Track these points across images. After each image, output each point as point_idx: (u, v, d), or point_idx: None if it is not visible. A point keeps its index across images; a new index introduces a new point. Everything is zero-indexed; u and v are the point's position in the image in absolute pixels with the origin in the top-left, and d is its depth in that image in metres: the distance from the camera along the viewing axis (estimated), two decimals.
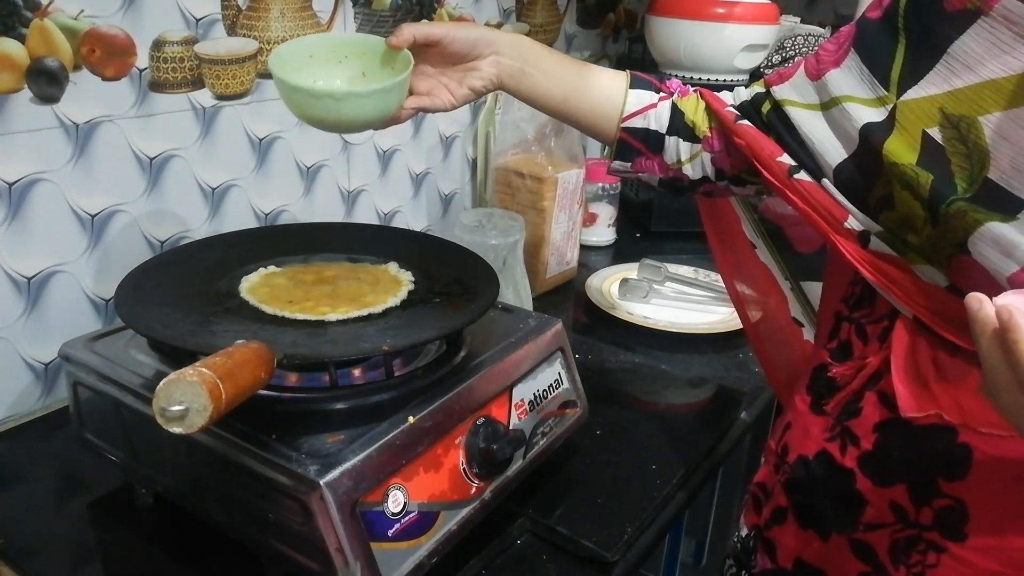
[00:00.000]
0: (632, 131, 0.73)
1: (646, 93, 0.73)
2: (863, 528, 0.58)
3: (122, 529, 0.69)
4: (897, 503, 0.56)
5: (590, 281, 1.20)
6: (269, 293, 0.70)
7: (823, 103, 0.59)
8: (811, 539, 0.62)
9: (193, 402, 0.46)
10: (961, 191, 0.49)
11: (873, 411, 0.58)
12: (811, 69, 0.62)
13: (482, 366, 0.68)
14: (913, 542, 0.56)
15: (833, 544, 0.60)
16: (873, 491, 0.57)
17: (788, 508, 0.64)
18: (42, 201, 0.78)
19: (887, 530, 0.57)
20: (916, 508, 0.56)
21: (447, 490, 0.61)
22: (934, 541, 0.55)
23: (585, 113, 0.74)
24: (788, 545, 0.64)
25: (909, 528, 0.56)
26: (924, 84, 0.51)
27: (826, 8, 1.78)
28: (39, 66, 0.75)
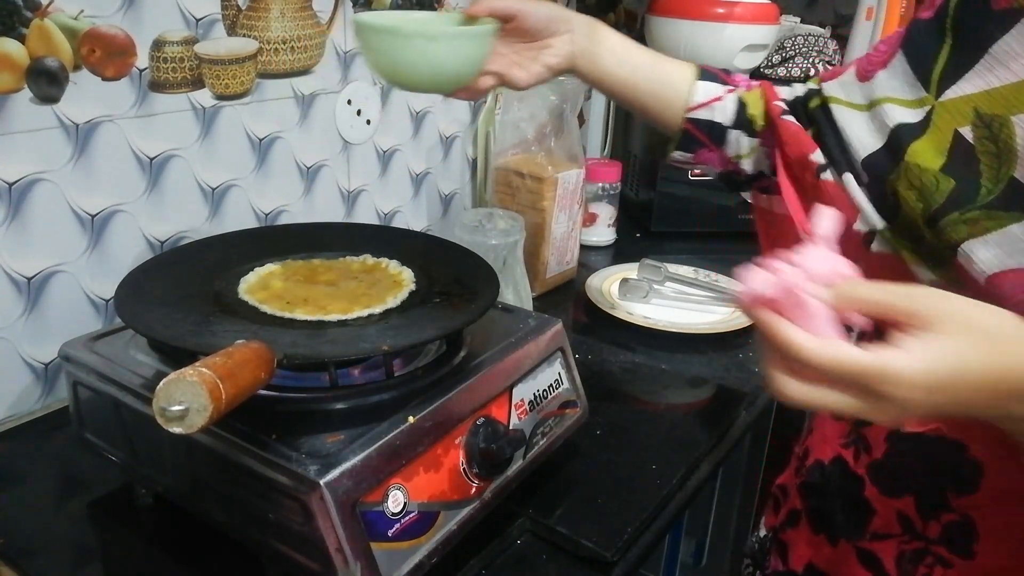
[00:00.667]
0: (697, 122, 0.72)
1: (713, 85, 0.73)
2: (870, 537, 0.58)
3: (122, 529, 0.69)
4: (904, 514, 0.56)
5: (590, 281, 1.20)
6: (268, 293, 0.70)
7: (868, 103, 0.60)
8: (821, 544, 0.62)
9: (193, 402, 0.46)
10: (985, 192, 0.48)
11: None
12: (861, 69, 0.62)
13: (482, 366, 0.68)
14: (920, 555, 0.55)
15: (841, 551, 0.60)
16: (880, 500, 0.57)
17: (802, 511, 0.64)
18: (42, 201, 0.78)
19: (894, 541, 0.56)
20: (924, 521, 0.55)
21: (447, 490, 0.61)
22: (942, 556, 0.54)
23: (651, 100, 0.74)
24: (800, 549, 0.64)
25: (916, 540, 0.55)
26: (962, 83, 0.51)
27: (826, 8, 1.78)
28: (39, 66, 0.75)
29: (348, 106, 1.08)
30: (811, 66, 1.47)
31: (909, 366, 0.39)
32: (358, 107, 1.09)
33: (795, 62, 1.47)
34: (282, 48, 0.97)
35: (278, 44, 0.96)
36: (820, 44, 1.48)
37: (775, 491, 0.71)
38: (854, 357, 0.40)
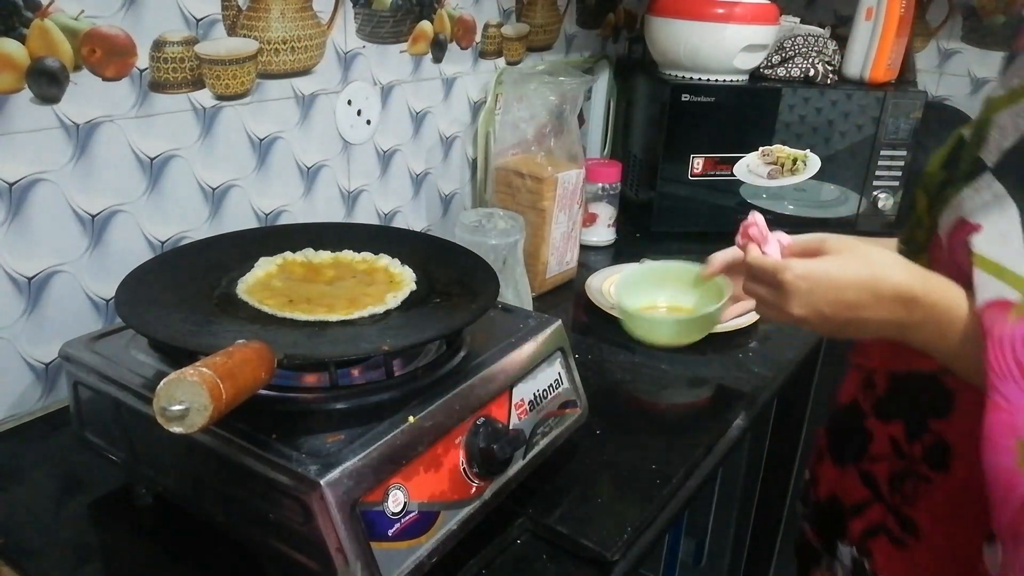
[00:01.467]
0: None
1: None
2: (868, 460, 0.68)
3: (122, 529, 0.69)
4: (894, 438, 0.66)
5: (590, 281, 1.20)
6: (268, 293, 0.70)
7: None
8: (837, 472, 0.72)
9: (193, 402, 0.46)
10: (962, 170, 0.60)
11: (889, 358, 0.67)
12: None
13: (482, 366, 0.68)
14: (906, 473, 0.65)
15: (848, 474, 0.71)
16: (877, 426, 0.68)
17: (825, 448, 0.75)
18: (42, 201, 0.78)
19: (886, 462, 0.67)
20: (909, 443, 0.65)
21: (447, 490, 0.61)
22: (923, 473, 0.64)
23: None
24: (824, 479, 0.75)
25: (903, 460, 0.65)
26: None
27: (826, 8, 1.78)
28: (39, 66, 0.75)
29: (348, 106, 1.08)
30: (811, 66, 1.47)
31: (801, 263, 0.61)
32: (358, 107, 1.09)
33: (795, 62, 1.47)
34: (282, 48, 0.97)
35: (278, 44, 0.96)
36: (820, 44, 1.48)
37: (815, 439, 0.79)
38: (771, 260, 0.64)
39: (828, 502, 0.73)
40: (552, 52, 1.49)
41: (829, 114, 1.43)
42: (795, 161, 1.42)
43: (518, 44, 1.39)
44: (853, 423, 0.70)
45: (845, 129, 1.45)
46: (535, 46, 1.44)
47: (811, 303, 0.60)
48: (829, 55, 1.49)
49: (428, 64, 1.20)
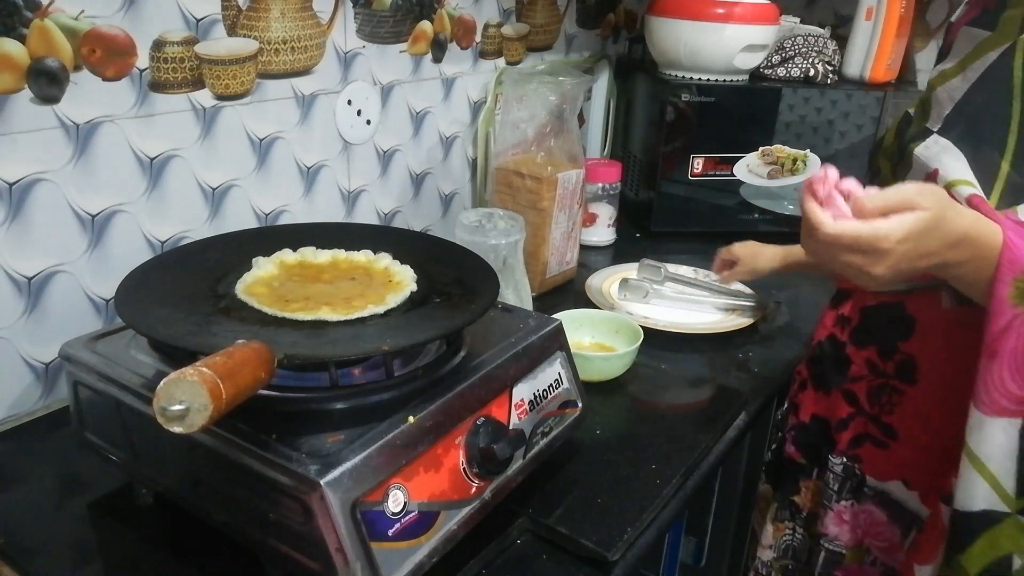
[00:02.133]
0: None
1: None
2: (849, 380, 0.82)
3: (122, 529, 0.69)
4: (871, 360, 0.80)
5: (590, 281, 1.20)
6: (267, 293, 0.70)
7: None
8: (820, 396, 0.86)
9: (193, 401, 0.46)
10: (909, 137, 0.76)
11: (861, 297, 0.80)
12: None
13: (482, 366, 0.68)
14: (882, 388, 0.79)
15: (832, 397, 0.84)
16: (854, 352, 0.81)
17: (807, 378, 0.87)
18: (42, 201, 0.78)
19: (864, 381, 0.80)
20: (883, 362, 0.79)
21: (447, 490, 0.61)
22: (896, 386, 0.78)
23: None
24: (806, 404, 0.87)
25: (879, 378, 0.79)
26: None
27: (826, 8, 1.78)
28: (39, 66, 0.75)
29: (348, 106, 1.08)
30: (810, 66, 1.47)
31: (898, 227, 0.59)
32: (358, 107, 1.09)
33: (795, 62, 1.47)
34: (282, 48, 0.97)
35: (278, 44, 0.96)
36: (820, 44, 1.48)
37: (794, 375, 0.91)
38: (857, 226, 0.60)
39: (812, 423, 0.86)
40: (552, 52, 1.49)
41: (829, 114, 1.43)
42: (795, 161, 1.42)
43: (518, 44, 1.39)
44: (834, 353, 0.83)
45: (845, 129, 1.45)
46: (535, 46, 1.44)
47: (898, 262, 0.61)
48: (829, 55, 1.49)
49: (428, 64, 1.20)
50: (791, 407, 0.90)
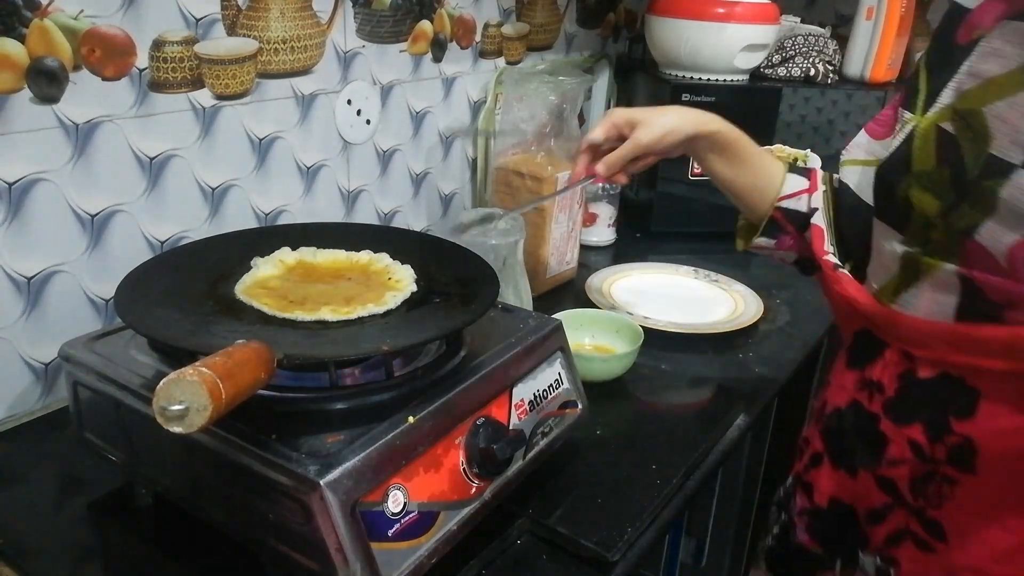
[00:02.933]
0: (785, 211, 0.83)
1: (801, 179, 0.83)
2: (886, 464, 0.65)
3: (122, 529, 0.69)
4: (915, 441, 0.63)
5: (590, 281, 1.20)
6: (266, 293, 0.70)
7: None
8: (842, 478, 0.69)
9: (193, 401, 0.46)
10: (971, 167, 0.57)
11: (896, 362, 0.64)
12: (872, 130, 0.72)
13: (482, 366, 0.68)
14: (930, 476, 0.62)
15: (861, 481, 0.67)
16: (893, 430, 0.64)
17: (823, 452, 0.71)
18: (42, 201, 0.78)
19: (907, 466, 0.63)
20: (931, 445, 0.62)
21: (447, 490, 0.61)
22: (948, 475, 0.61)
23: (746, 190, 0.85)
24: (822, 485, 0.71)
25: (926, 463, 0.62)
26: (940, 100, 0.61)
27: (826, 8, 1.78)
28: (39, 66, 0.75)
29: (348, 106, 1.08)
30: (811, 66, 1.47)
31: None
32: (358, 107, 1.09)
33: (795, 62, 1.47)
34: (282, 48, 0.97)
35: (278, 44, 0.96)
36: (820, 44, 1.48)
37: (800, 443, 0.77)
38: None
39: (833, 509, 0.70)
40: (552, 52, 1.49)
41: (829, 114, 1.43)
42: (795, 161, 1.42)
43: (518, 44, 1.39)
44: (861, 426, 0.67)
45: (846, 129, 1.44)
46: (535, 46, 1.44)
47: None
48: (830, 55, 1.49)
49: (428, 64, 1.20)
50: (800, 484, 0.75)
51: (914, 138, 0.62)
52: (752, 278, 1.24)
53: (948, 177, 0.59)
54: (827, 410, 0.71)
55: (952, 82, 0.60)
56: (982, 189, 0.56)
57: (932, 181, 0.60)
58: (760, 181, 0.84)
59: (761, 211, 0.84)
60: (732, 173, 0.85)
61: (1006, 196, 0.54)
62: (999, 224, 0.55)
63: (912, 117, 0.63)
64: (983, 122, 0.57)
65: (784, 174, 0.83)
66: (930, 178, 0.60)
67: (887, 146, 0.67)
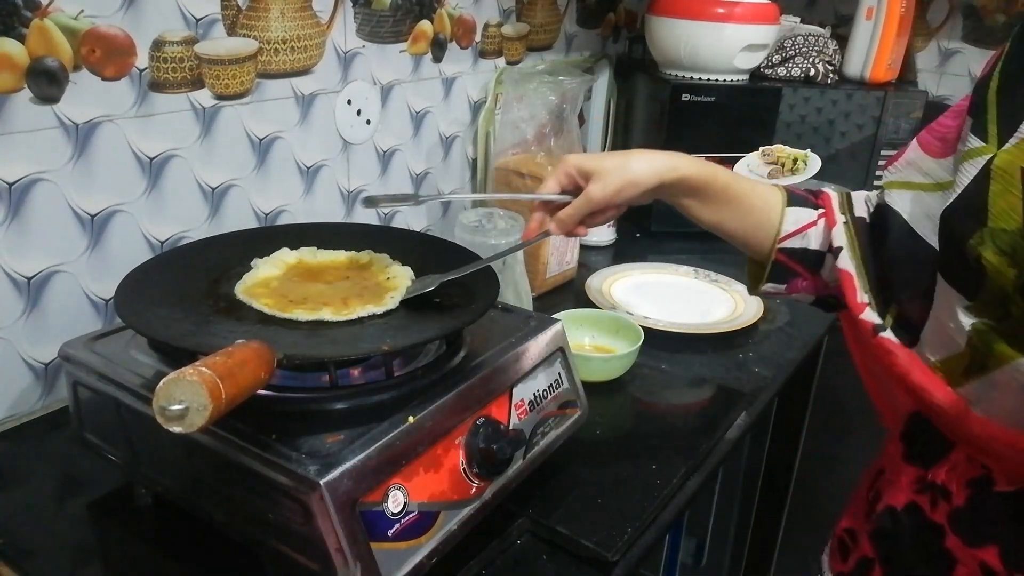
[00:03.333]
0: (790, 252, 0.70)
1: (804, 211, 0.70)
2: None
3: (122, 529, 0.69)
4: (988, 565, 0.53)
5: (590, 281, 1.20)
6: (266, 293, 0.70)
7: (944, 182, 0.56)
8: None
9: (193, 401, 0.46)
10: None
11: (966, 465, 0.55)
12: (927, 144, 0.60)
13: (482, 366, 0.67)
14: None
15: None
16: (963, 550, 0.55)
17: (875, 560, 0.62)
18: (42, 201, 0.78)
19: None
20: (1008, 572, 0.53)
21: (447, 490, 0.61)
22: None
23: (737, 233, 0.72)
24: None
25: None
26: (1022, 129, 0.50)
27: (826, 8, 1.78)
28: (39, 66, 0.75)
29: (348, 106, 1.08)
30: (811, 66, 1.47)
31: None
32: (358, 107, 1.09)
33: (795, 62, 1.47)
34: (282, 48, 0.97)
35: (278, 44, 0.96)
36: (820, 44, 1.48)
37: (841, 535, 0.68)
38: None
39: None
40: (552, 52, 1.49)
41: (829, 114, 1.43)
42: (795, 161, 1.42)
43: (518, 44, 1.39)
44: (921, 537, 0.57)
45: (846, 129, 1.45)
46: (535, 46, 1.44)
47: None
48: (829, 55, 1.49)
49: (428, 64, 1.20)
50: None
51: (991, 179, 0.50)
52: None
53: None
54: (878, 506, 0.61)
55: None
56: None
57: (1012, 244, 0.48)
58: (752, 220, 0.71)
59: (764, 252, 0.72)
60: (717, 217, 0.71)
61: None
62: None
63: (983, 147, 0.52)
64: None
65: (783, 208, 0.70)
66: (1010, 239, 0.48)
67: (948, 168, 0.56)
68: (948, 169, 0.56)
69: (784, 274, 0.72)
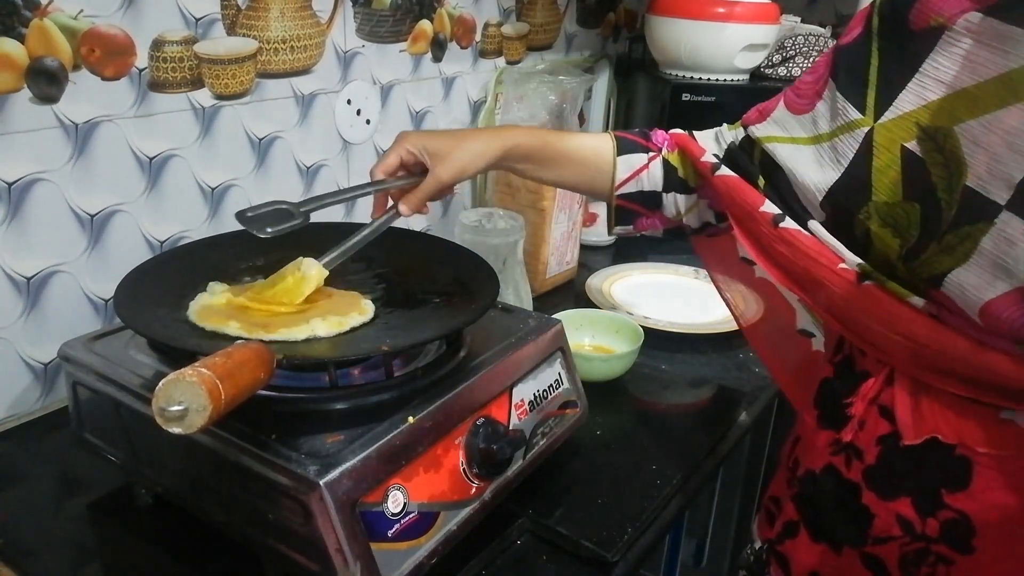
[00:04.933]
0: (628, 196, 0.76)
1: (635, 157, 0.75)
2: (872, 541, 0.58)
3: (122, 529, 0.69)
4: (903, 516, 0.56)
5: (590, 281, 1.20)
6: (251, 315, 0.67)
7: (811, 137, 0.60)
8: (824, 553, 0.62)
9: (192, 402, 0.46)
10: (945, 206, 0.49)
11: (875, 424, 0.57)
12: (791, 103, 0.64)
13: (482, 366, 0.67)
14: (922, 555, 0.56)
15: (846, 558, 0.60)
16: (879, 504, 0.57)
17: (799, 522, 0.64)
18: (42, 201, 0.78)
19: (896, 543, 0.57)
20: (922, 520, 0.55)
21: (447, 490, 0.61)
22: (942, 554, 0.55)
23: (578, 186, 0.79)
24: (801, 559, 0.64)
25: (917, 541, 0.56)
26: (898, 104, 0.52)
27: (826, 8, 1.78)
28: (39, 66, 0.75)
29: (348, 106, 1.08)
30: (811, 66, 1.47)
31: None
32: (358, 107, 1.09)
33: (795, 62, 1.47)
34: (282, 48, 0.97)
35: (278, 44, 0.96)
36: (820, 44, 1.48)
37: (767, 503, 0.70)
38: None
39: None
40: (552, 51, 1.49)
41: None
42: None
43: (518, 43, 1.39)
44: (841, 496, 0.60)
45: None
46: (535, 45, 1.44)
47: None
48: None
49: (428, 63, 1.20)
50: (774, 555, 0.67)
51: (873, 155, 0.53)
52: None
53: (917, 216, 0.50)
54: (799, 472, 0.64)
55: (912, 83, 0.51)
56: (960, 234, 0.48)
57: (895, 217, 0.52)
58: (588, 172, 0.76)
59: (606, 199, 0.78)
60: (554, 175, 0.77)
61: (989, 247, 0.46)
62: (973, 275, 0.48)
63: (861, 119, 0.55)
64: (955, 146, 0.48)
65: (614, 158, 0.75)
66: (893, 213, 0.52)
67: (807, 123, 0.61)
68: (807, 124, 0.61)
69: (628, 215, 0.78)
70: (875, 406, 0.58)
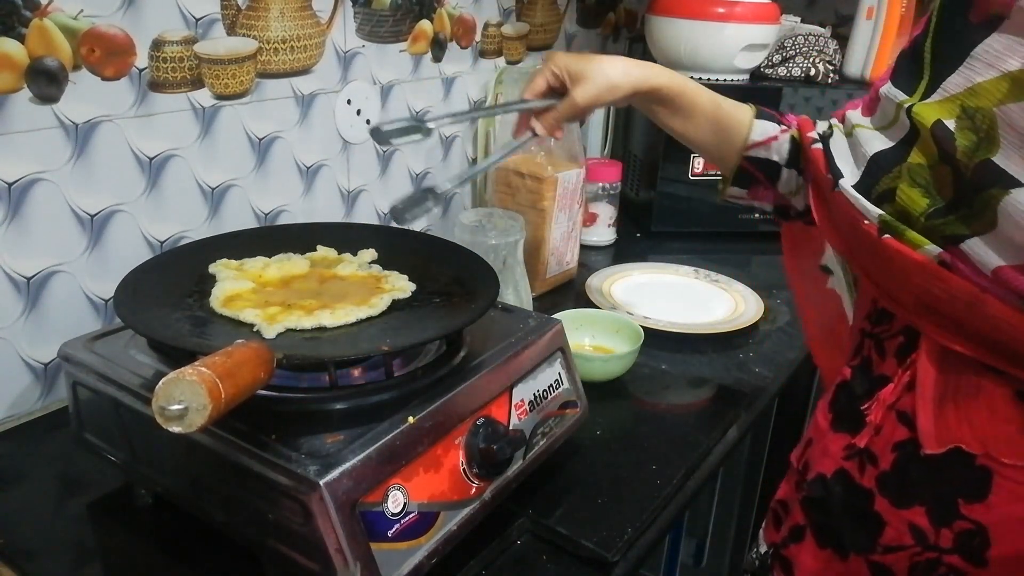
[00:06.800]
0: (754, 161, 0.77)
1: (770, 125, 0.77)
2: (882, 550, 0.57)
3: (122, 529, 0.69)
4: (916, 525, 0.55)
5: (590, 281, 1.20)
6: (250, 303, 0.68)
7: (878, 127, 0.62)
8: (830, 559, 0.61)
9: (192, 401, 0.46)
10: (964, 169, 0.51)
11: (891, 430, 0.57)
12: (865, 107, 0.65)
13: (482, 366, 0.67)
14: (933, 565, 0.55)
15: (852, 565, 0.59)
16: (891, 512, 0.56)
17: (806, 526, 0.63)
18: (42, 201, 0.78)
19: (906, 552, 0.56)
20: (936, 530, 0.54)
21: (447, 490, 0.61)
22: (955, 566, 0.54)
23: (705, 142, 0.80)
24: (806, 564, 0.63)
25: (929, 551, 0.54)
26: (946, 87, 0.53)
27: (826, 8, 1.78)
28: (38, 66, 0.75)
29: (348, 106, 1.08)
30: (811, 66, 1.47)
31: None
32: (358, 107, 1.09)
33: (795, 62, 1.47)
34: (282, 48, 0.97)
35: (278, 44, 0.96)
36: (820, 44, 1.48)
37: (775, 506, 0.69)
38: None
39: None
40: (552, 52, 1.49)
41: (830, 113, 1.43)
42: None
43: (518, 43, 1.39)
44: (851, 502, 0.59)
45: None
46: (535, 45, 1.44)
47: None
48: (830, 54, 1.49)
49: (428, 63, 1.20)
50: (778, 559, 0.66)
51: (918, 129, 0.55)
52: (752, 278, 1.24)
53: (949, 178, 0.52)
54: (809, 475, 0.63)
55: (963, 67, 0.53)
56: (984, 199, 0.49)
57: (925, 177, 0.54)
58: (719, 128, 0.78)
59: (729, 160, 0.79)
60: (686, 127, 0.79)
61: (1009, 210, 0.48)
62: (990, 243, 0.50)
63: (907, 99, 0.56)
64: (992, 126, 0.49)
65: (752, 119, 0.77)
66: (926, 174, 0.54)
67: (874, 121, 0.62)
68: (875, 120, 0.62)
69: (747, 180, 0.79)
70: (893, 411, 0.56)
